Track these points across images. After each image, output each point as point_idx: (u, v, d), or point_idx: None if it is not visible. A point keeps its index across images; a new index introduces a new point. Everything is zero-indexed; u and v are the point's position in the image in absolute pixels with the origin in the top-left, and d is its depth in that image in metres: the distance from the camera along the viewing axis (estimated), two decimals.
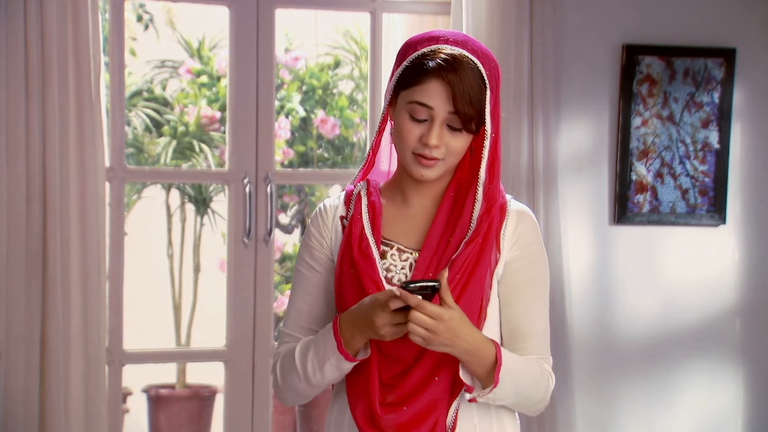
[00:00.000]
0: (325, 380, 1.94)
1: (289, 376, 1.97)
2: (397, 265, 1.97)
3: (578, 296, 3.75)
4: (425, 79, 1.90)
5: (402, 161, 1.97)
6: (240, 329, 3.64)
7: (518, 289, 1.97)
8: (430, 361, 1.91)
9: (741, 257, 3.90)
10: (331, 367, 1.91)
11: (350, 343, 1.89)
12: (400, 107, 1.94)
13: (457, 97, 1.88)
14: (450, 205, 1.98)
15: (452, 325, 1.81)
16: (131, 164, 5.53)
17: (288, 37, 5.92)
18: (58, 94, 3.28)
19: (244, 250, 3.62)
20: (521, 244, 1.97)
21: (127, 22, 5.42)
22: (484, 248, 1.93)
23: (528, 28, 3.60)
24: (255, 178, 3.61)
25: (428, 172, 1.93)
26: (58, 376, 3.27)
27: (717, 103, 3.82)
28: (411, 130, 1.92)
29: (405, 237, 1.98)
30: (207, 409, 5.35)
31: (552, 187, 3.62)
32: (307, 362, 1.93)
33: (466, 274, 1.91)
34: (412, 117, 1.92)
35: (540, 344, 1.98)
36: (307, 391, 1.97)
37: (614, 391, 3.82)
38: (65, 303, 3.29)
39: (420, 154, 1.92)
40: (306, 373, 1.94)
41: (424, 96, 1.90)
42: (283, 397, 2.03)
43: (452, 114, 1.90)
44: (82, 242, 3.32)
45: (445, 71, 1.89)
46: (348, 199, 2.03)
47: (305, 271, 2.03)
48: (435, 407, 1.92)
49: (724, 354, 3.89)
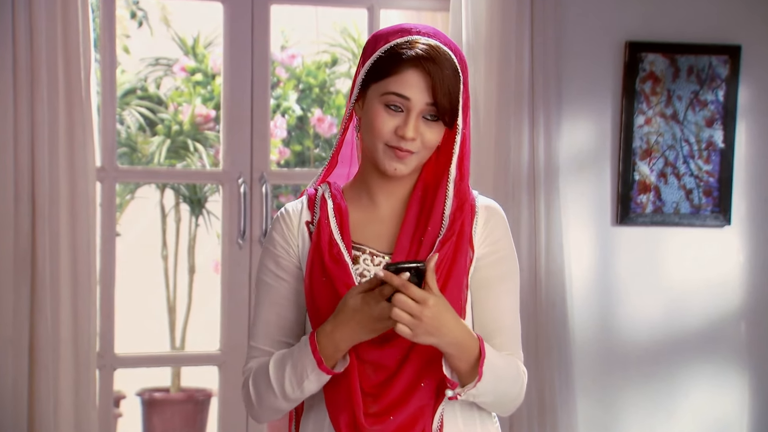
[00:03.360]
0: (304, 395, 1.88)
1: (264, 394, 1.90)
2: (370, 270, 1.92)
3: (580, 298, 3.73)
4: (402, 69, 1.85)
5: (372, 156, 1.91)
6: (234, 332, 3.63)
7: (489, 284, 1.94)
8: (414, 367, 1.87)
9: (746, 258, 3.89)
10: (310, 384, 1.85)
11: (332, 356, 1.84)
12: (372, 99, 1.88)
13: (437, 88, 1.84)
14: (418, 204, 1.94)
15: (437, 311, 1.76)
16: (124, 164, 5.51)
17: (284, 35, 5.92)
18: (47, 92, 3.25)
19: (239, 252, 3.60)
20: (491, 240, 1.94)
21: (120, 19, 5.43)
22: (458, 249, 1.89)
23: (529, 24, 3.58)
24: (250, 178, 3.59)
25: (401, 166, 1.88)
26: (47, 380, 3.24)
27: (722, 101, 3.81)
28: (385, 122, 1.86)
29: (375, 240, 1.93)
30: (202, 412, 5.36)
31: (553, 188, 3.61)
32: (284, 379, 1.86)
33: (443, 275, 1.87)
34: (387, 108, 1.87)
35: (511, 340, 1.95)
36: (284, 407, 1.91)
37: (617, 394, 3.81)
38: (54, 306, 3.27)
39: (395, 147, 1.87)
40: (284, 390, 1.87)
41: (401, 86, 1.85)
42: (257, 415, 1.95)
43: (430, 105, 1.86)
44: (72, 243, 3.30)
45: (425, 60, 1.85)
46: (311, 202, 1.96)
47: (271, 281, 1.95)
48: (422, 414, 1.87)
49: (729, 357, 3.88)
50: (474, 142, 3.57)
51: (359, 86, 1.91)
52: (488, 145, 3.56)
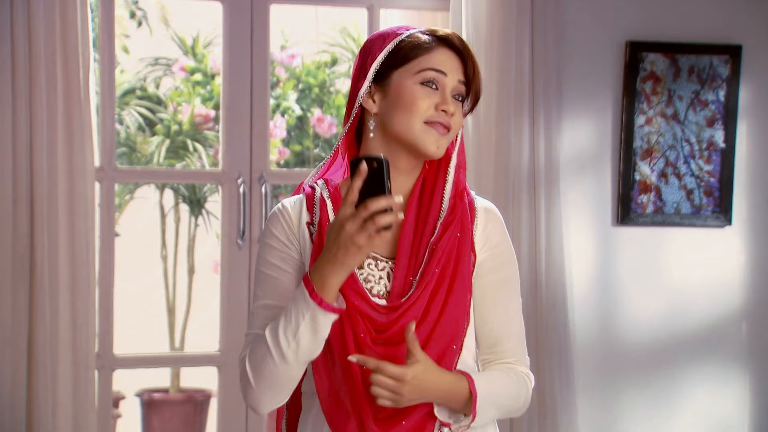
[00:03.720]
0: (300, 351, 1.77)
1: (261, 365, 1.81)
2: (374, 275, 1.90)
3: (581, 299, 3.72)
4: (434, 47, 1.88)
5: (412, 138, 1.87)
6: (234, 333, 3.61)
7: (490, 291, 1.93)
8: None
9: (747, 259, 3.88)
10: (306, 330, 1.75)
11: (323, 287, 1.74)
12: (401, 81, 1.88)
13: (467, 66, 1.89)
14: (416, 204, 1.92)
15: (417, 382, 1.77)
16: (123, 164, 5.50)
17: (284, 35, 5.92)
18: (46, 92, 3.24)
19: (238, 252, 3.59)
20: (491, 245, 1.94)
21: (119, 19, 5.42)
22: (462, 250, 1.88)
23: (529, 23, 3.57)
24: (249, 178, 3.58)
25: (442, 141, 1.88)
26: (45, 381, 3.23)
27: (722, 101, 3.80)
28: (424, 98, 1.87)
29: (378, 245, 1.85)
30: (201, 413, 5.35)
31: (554, 188, 3.60)
32: (278, 335, 1.77)
33: (448, 276, 1.86)
34: (423, 85, 1.87)
35: (516, 346, 1.95)
36: (283, 375, 1.80)
37: (617, 395, 3.80)
38: (53, 307, 3.25)
39: (438, 122, 1.87)
40: (279, 348, 1.77)
41: (437, 63, 1.88)
42: (257, 399, 1.84)
43: (461, 83, 1.89)
44: (70, 244, 3.28)
45: (455, 39, 1.90)
46: (310, 203, 1.92)
47: (272, 272, 1.90)
48: (431, 417, 1.87)
49: (730, 358, 3.88)
50: (474, 142, 3.56)
51: (371, 78, 1.90)
52: (488, 146, 3.55)
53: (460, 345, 1.89)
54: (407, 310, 1.84)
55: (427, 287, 1.85)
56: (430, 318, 1.85)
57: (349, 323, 1.83)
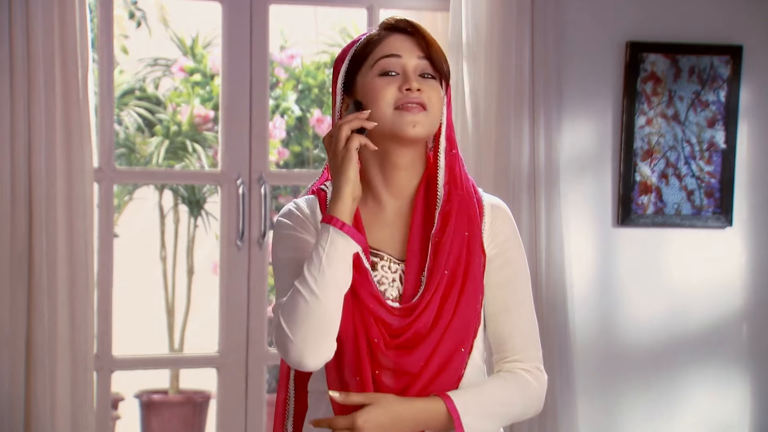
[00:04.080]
0: (327, 281, 1.78)
1: (294, 312, 1.78)
2: (388, 277, 1.90)
3: (581, 300, 3.72)
4: (384, 37, 1.90)
5: (387, 126, 1.87)
6: (233, 335, 3.60)
7: (498, 288, 1.92)
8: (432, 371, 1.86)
9: (748, 260, 3.88)
10: (328, 258, 1.78)
11: (335, 212, 1.81)
12: (364, 80, 1.89)
13: (423, 42, 1.88)
14: (423, 204, 1.92)
15: (376, 422, 1.79)
16: (122, 165, 5.50)
17: (283, 35, 5.91)
18: (44, 92, 3.23)
19: (237, 253, 3.58)
20: (498, 241, 1.93)
21: (119, 20, 5.41)
22: (472, 250, 1.88)
23: (529, 24, 3.56)
24: (248, 178, 3.58)
25: (417, 119, 1.85)
26: (44, 383, 3.22)
27: (723, 101, 3.79)
28: (386, 86, 1.87)
29: (389, 244, 1.91)
30: (200, 415, 5.35)
31: (554, 189, 3.59)
32: (304, 276, 1.78)
33: (459, 276, 1.86)
34: (382, 76, 1.88)
35: (526, 342, 1.93)
36: (317, 315, 1.77)
37: (618, 397, 3.80)
38: (51, 308, 3.24)
39: (405, 102, 1.86)
40: (308, 285, 1.78)
41: (389, 48, 1.89)
42: (299, 350, 1.79)
43: (422, 59, 1.88)
44: (69, 245, 3.27)
45: (403, 23, 1.91)
46: (323, 202, 1.93)
47: (296, 254, 1.88)
48: None
49: (731, 359, 3.87)
50: (474, 143, 3.55)
51: (341, 89, 1.92)
52: (488, 146, 3.54)
53: (469, 347, 1.89)
54: (420, 315, 1.84)
55: (437, 289, 1.85)
56: (442, 322, 1.85)
57: (363, 327, 1.83)
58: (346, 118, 1.84)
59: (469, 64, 3.54)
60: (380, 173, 1.92)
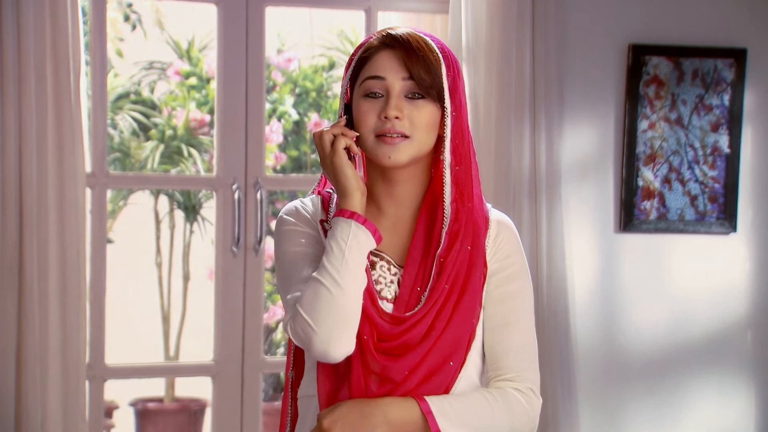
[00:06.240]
0: (350, 273, 1.78)
1: (316, 302, 1.78)
2: (386, 278, 1.89)
3: (583, 307, 3.71)
4: (372, 54, 1.86)
5: (368, 152, 1.87)
6: (228, 342, 3.59)
7: (496, 305, 1.90)
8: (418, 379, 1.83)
9: (753, 266, 3.86)
10: (350, 250, 1.78)
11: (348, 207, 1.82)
12: (355, 98, 1.88)
13: (410, 62, 1.83)
14: (427, 214, 1.90)
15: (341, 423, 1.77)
16: (117, 169, 5.47)
17: (280, 38, 5.90)
18: (35, 96, 3.21)
19: (233, 260, 3.56)
20: (500, 256, 1.91)
21: (114, 22, 5.38)
22: (474, 263, 1.86)
23: (530, 26, 3.55)
24: (244, 183, 3.56)
25: (395, 152, 1.83)
26: (35, 392, 3.20)
27: (727, 105, 3.79)
28: (368, 109, 1.85)
29: (390, 250, 1.90)
30: (196, 423, 5.36)
31: (555, 194, 3.57)
32: (325, 266, 1.78)
33: (457, 289, 1.84)
34: (366, 97, 1.85)
35: (517, 363, 1.89)
36: (341, 305, 1.77)
37: (620, 405, 3.78)
38: (43, 316, 3.22)
39: (382, 132, 1.83)
40: (330, 275, 1.78)
41: (374, 69, 1.85)
42: (324, 340, 1.78)
43: (407, 80, 1.84)
44: (60, 252, 3.25)
45: (392, 40, 1.86)
46: (326, 203, 1.93)
47: (307, 250, 1.87)
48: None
49: (735, 367, 3.86)
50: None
51: (343, 98, 1.91)
52: (488, 150, 3.53)
53: (460, 361, 1.85)
54: (412, 327, 1.82)
55: (435, 305, 1.83)
56: (434, 333, 1.83)
57: None
58: (334, 129, 1.85)
59: (469, 67, 3.53)
60: (382, 183, 1.91)
